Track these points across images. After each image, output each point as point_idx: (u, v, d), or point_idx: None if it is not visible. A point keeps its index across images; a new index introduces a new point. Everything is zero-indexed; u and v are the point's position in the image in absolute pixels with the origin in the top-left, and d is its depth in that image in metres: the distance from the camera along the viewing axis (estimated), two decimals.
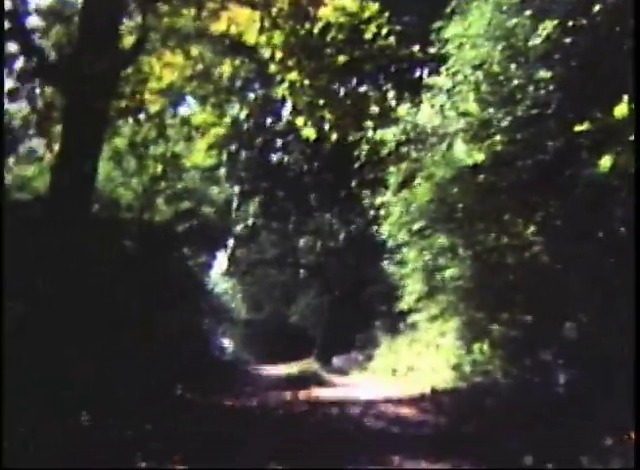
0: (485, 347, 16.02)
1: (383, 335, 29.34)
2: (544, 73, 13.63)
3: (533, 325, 14.73)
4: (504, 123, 14.38)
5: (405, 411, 14.77)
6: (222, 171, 25.62)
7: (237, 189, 37.75)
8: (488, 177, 15.22)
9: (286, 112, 34.71)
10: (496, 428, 11.54)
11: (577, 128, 10.41)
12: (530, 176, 14.33)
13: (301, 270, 51.00)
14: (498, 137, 14.56)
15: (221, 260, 42.37)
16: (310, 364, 31.16)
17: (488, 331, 16.15)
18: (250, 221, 39.90)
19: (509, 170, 14.70)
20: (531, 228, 15.29)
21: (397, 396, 17.63)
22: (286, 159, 38.59)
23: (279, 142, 37.87)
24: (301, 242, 45.51)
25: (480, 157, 15.05)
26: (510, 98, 14.37)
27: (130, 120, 16.39)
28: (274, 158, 39.35)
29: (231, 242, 40.42)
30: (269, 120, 37.10)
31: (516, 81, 14.24)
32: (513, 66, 14.43)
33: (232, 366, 28.66)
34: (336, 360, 41.81)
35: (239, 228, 39.05)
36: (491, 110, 14.80)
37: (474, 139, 15.36)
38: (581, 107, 12.69)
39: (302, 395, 18.22)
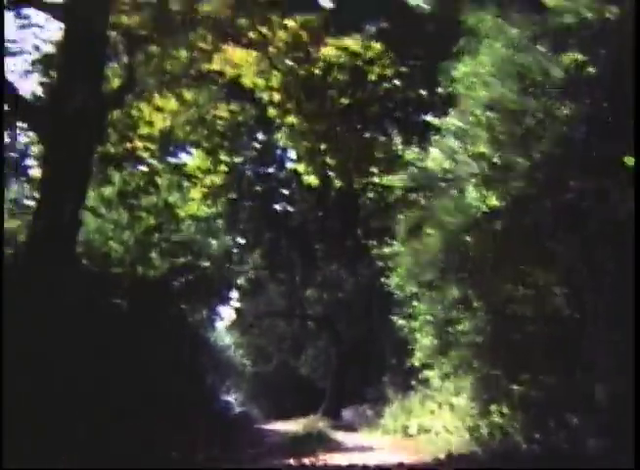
0: (504, 408, 14.79)
1: (393, 391, 28.01)
2: (565, 109, 12.70)
3: (558, 385, 13.54)
4: (520, 165, 13.39)
5: None
6: (220, 222, 24.50)
7: (240, 240, 36.93)
8: (504, 223, 14.20)
9: (288, 158, 34.07)
10: None
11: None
12: (551, 220, 13.32)
13: (309, 322, 50.07)
14: (515, 180, 13.61)
15: (227, 314, 41.39)
16: (317, 422, 29.90)
17: (507, 391, 14.91)
18: (251, 274, 38.94)
19: (526, 215, 13.70)
20: (551, 277, 14.19)
21: (410, 461, 16.42)
22: (289, 208, 37.69)
23: (281, 190, 36.91)
24: (308, 293, 44.52)
25: (494, 202, 14.09)
26: (527, 137, 13.41)
27: (120, 168, 15.39)
28: (277, 207, 38.38)
29: (235, 294, 39.39)
30: (271, 169, 36.27)
31: (533, 119, 13.30)
32: (531, 101, 13.46)
33: (237, 425, 27.34)
34: (345, 414, 41.40)
35: (241, 281, 37.98)
36: (506, 151, 13.85)
37: (487, 183, 14.38)
38: (609, 141, 11.71)
39: (308, 460, 17.03)
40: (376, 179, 16.52)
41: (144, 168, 15.23)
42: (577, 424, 12.42)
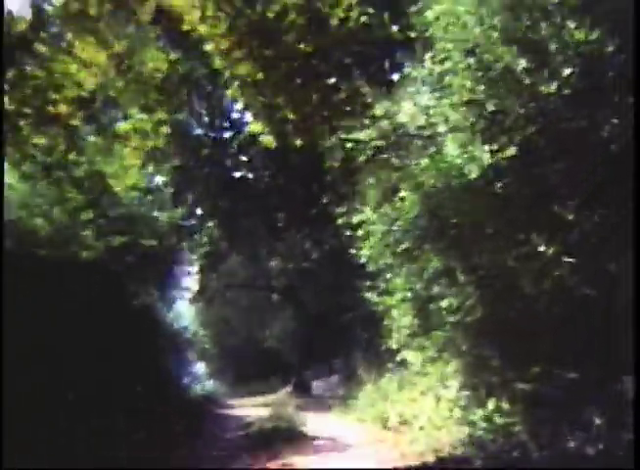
0: (504, 403, 12.51)
1: (365, 369, 25.74)
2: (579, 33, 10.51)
3: (569, 376, 11.31)
4: (524, 110, 11.26)
5: None
6: (168, 192, 22.12)
7: (197, 211, 34.85)
8: (498, 182, 12.11)
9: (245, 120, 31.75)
10: None
11: None
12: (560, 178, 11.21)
13: (274, 293, 48.48)
14: (513, 130, 11.53)
15: (187, 288, 39.46)
16: (286, 402, 27.84)
17: (505, 381, 12.67)
18: (207, 248, 36.89)
19: (525, 171, 11.60)
20: (553, 247, 11.99)
21: (393, 464, 14.24)
22: (249, 175, 35.40)
23: (236, 154, 34.51)
24: (272, 263, 42.79)
25: (484, 159, 12.01)
26: (529, 75, 11.28)
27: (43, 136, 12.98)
28: (235, 173, 35.95)
29: (194, 268, 37.43)
30: (226, 132, 33.89)
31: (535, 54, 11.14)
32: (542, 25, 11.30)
33: (196, 413, 25.13)
34: (315, 386, 40.60)
35: (197, 255, 36.08)
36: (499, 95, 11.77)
37: (477, 136, 12.32)
38: None
39: (271, 464, 14.96)
40: (342, 137, 14.38)
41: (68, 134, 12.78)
42: (600, 425, 10.22)
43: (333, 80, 13.68)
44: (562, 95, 11.04)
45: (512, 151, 11.69)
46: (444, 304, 14.05)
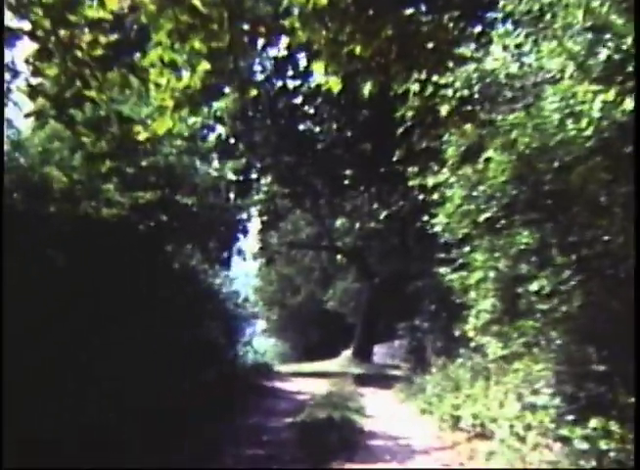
0: (613, 424, 9.81)
1: (433, 348, 23.41)
2: None
3: None
4: None
5: None
6: (210, 142, 19.94)
7: (257, 163, 32.84)
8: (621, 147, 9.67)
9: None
10: None
11: None
12: None
13: (338, 254, 46.91)
14: None
15: (241, 249, 37.89)
16: (345, 380, 26.05)
17: (617, 397, 9.98)
18: (265, 205, 35.14)
19: None
20: None
21: None
22: (314, 127, 33.23)
23: (303, 106, 32.23)
24: (337, 223, 41.21)
25: (594, 115, 9.68)
26: None
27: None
28: (299, 125, 33.69)
29: (253, 226, 35.86)
30: (290, 80, 31.61)
31: None
32: None
33: (246, 386, 22.83)
34: (377, 351, 41.45)
35: (255, 212, 34.34)
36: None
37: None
38: None
39: None
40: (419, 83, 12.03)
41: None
42: None
43: (410, 11, 11.26)
44: None
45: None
46: (534, 286, 11.59)
